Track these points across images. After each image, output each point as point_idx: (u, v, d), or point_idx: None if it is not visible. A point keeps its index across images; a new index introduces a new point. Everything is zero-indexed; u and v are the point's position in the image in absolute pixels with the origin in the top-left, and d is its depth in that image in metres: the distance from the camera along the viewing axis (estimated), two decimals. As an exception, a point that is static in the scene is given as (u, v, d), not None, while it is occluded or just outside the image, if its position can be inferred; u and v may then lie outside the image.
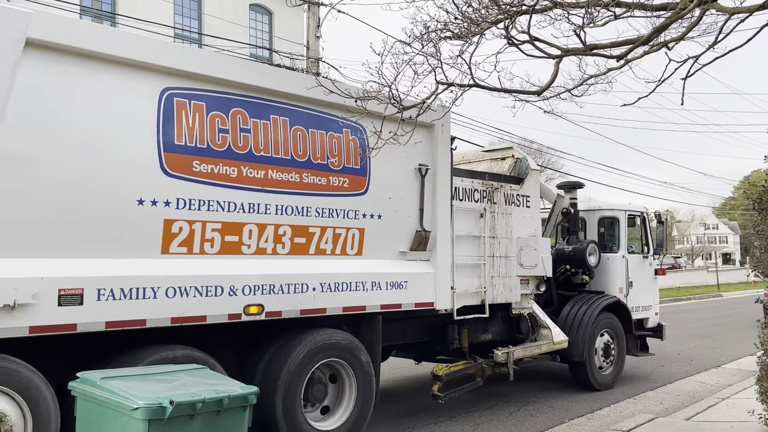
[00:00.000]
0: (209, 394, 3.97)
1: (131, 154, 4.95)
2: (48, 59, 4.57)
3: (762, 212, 6.85)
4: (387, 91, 5.54)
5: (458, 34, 5.44)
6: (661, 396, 9.10)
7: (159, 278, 5.02)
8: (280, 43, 20.45)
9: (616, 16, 5.39)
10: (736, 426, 6.74)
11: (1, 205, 4.35)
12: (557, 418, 7.75)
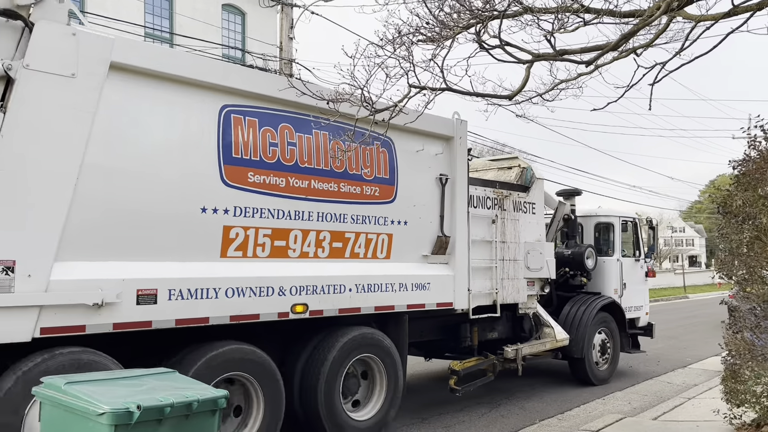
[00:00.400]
0: (178, 398, 3.90)
1: (196, 166, 5.43)
2: (127, 80, 5.02)
3: (726, 216, 7.01)
4: (359, 94, 5.54)
5: (430, 37, 5.46)
6: (630, 396, 9.24)
7: (219, 280, 5.49)
8: (253, 43, 20.31)
9: (585, 22, 5.47)
10: (702, 425, 6.87)
11: (88, 213, 4.81)
12: (528, 419, 7.82)
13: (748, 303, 6.74)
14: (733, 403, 6.33)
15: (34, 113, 4.59)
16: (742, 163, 6.66)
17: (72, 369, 4.59)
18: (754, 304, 6.58)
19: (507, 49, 5.54)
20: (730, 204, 6.78)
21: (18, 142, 4.51)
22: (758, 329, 6.43)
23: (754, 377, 6.19)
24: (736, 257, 6.94)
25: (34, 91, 4.58)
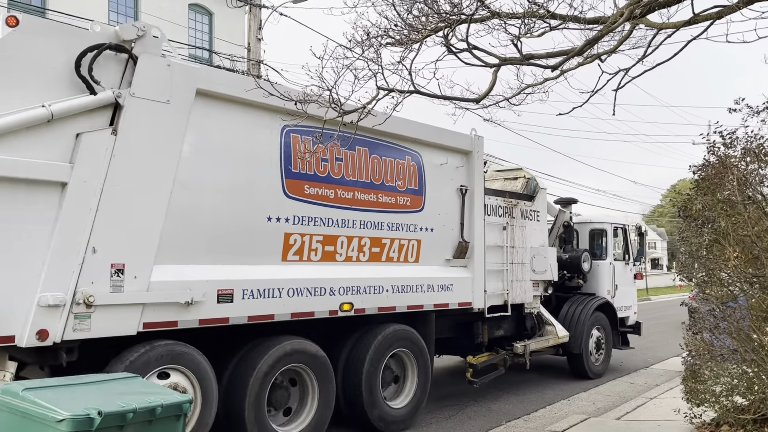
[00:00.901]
0: (141, 404, 3.83)
1: (263, 180, 6.14)
2: (208, 105, 5.66)
3: (687, 219, 7.17)
4: (327, 95, 5.52)
5: (399, 40, 5.47)
6: (594, 397, 9.38)
7: (282, 281, 6.19)
8: (220, 44, 20.10)
9: (551, 28, 5.54)
10: (663, 424, 7.00)
11: (178, 222, 5.44)
12: (494, 420, 7.88)
13: (708, 304, 6.90)
14: (693, 403, 6.47)
15: (138, 135, 5.21)
16: (702, 168, 6.82)
17: (167, 359, 5.31)
18: (713, 306, 6.74)
19: (474, 53, 5.58)
20: (690, 208, 6.94)
21: (126, 161, 5.13)
22: (717, 330, 6.59)
23: (714, 377, 6.34)
24: (696, 260, 7.10)
25: (138, 116, 5.20)
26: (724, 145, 6.63)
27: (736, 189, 6.29)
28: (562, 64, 5.56)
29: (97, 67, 5.03)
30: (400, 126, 7.31)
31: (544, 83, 6.15)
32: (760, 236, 6.26)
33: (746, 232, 6.26)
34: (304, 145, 6.41)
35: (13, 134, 4.64)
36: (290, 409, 6.46)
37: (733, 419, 6.12)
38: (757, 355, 6.09)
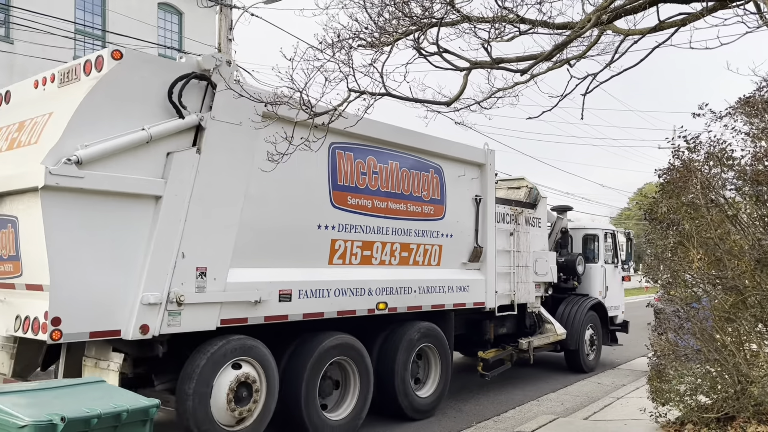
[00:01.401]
0: (106, 408, 3.76)
1: (315, 192, 6.85)
2: (272, 126, 6.05)
3: (652, 222, 7.30)
4: (298, 97, 5.50)
5: (370, 43, 5.48)
6: (562, 397, 9.49)
7: (329, 282, 6.87)
8: (190, 44, 19.86)
9: (521, 32, 5.60)
10: (630, 423, 7.11)
11: (248, 230, 6.15)
12: (465, 421, 7.92)
13: (672, 305, 7.04)
14: (658, 402, 6.58)
15: (217, 154, 5.84)
16: (667, 171, 6.95)
17: (240, 352, 5.96)
18: (678, 307, 6.88)
19: (445, 57, 5.62)
20: (656, 211, 7.07)
21: (208, 177, 5.78)
22: (681, 330, 6.73)
23: (678, 377, 6.46)
24: (661, 262, 7.23)
25: (217, 137, 5.85)
26: (689, 150, 6.77)
27: (700, 192, 6.43)
28: (531, 69, 5.63)
29: (183, 94, 5.68)
30: (426, 141, 8.20)
31: (514, 87, 6.23)
32: (722, 239, 6.41)
33: (709, 234, 6.41)
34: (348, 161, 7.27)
35: (120, 154, 5.24)
36: (336, 397, 7.15)
37: (696, 418, 6.25)
38: (719, 355, 6.23)
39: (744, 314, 6.29)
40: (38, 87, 6.07)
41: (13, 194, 5.23)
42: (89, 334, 5.15)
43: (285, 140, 5.69)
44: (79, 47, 18.51)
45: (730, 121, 6.54)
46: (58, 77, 5.84)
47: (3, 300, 5.44)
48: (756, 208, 6.42)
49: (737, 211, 6.61)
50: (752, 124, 6.46)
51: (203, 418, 5.61)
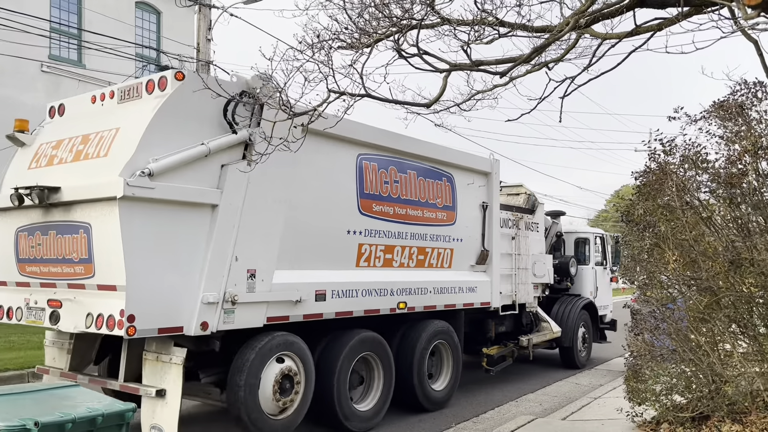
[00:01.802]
0: (80, 413, 3.71)
1: (345, 200, 7.39)
2: (310, 139, 6.48)
3: (629, 224, 7.38)
4: (278, 97, 5.47)
5: (350, 44, 5.47)
6: (541, 398, 9.56)
7: (357, 283, 7.43)
8: (168, 44, 19.67)
9: (500, 35, 5.63)
10: (607, 423, 7.18)
11: (290, 235, 6.66)
12: (444, 422, 7.94)
13: (649, 306, 7.12)
14: (635, 402, 6.65)
15: (264, 166, 6.20)
16: (644, 174, 7.04)
17: (283, 347, 6.49)
18: (654, 308, 6.96)
19: (425, 58, 5.63)
20: (633, 213, 7.15)
21: (257, 187, 6.28)
22: (657, 331, 6.81)
23: (654, 377, 6.54)
24: (638, 263, 7.32)
25: (264, 150, 6.18)
26: (664, 153, 6.86)
27: (675, 195, 6.52)
28: (510, 71, 5.66)
29: (235, 111, 6.20)
30: (439, 152, 8.86)
31: (493, 90, 6.26)
32: (697, 240, 6.51)
33: (684, 236, 6.49)
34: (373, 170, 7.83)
35: (183, 166, 5.71)
36: (361, 390, 7.70)
37: (672, 417, 6.33)
38: (694, 355, 6.31)
39: (718, 315, 6.39)
40: (96, 102, 6.54)
41: (84, 203, 5.66)
42: (157, 330, 5.61)
43: (264, 140, 5.65)
44: (54, 45, 18.24)
45: (704, 125, 6.64)
46: (117, 94, 6.31)
47: (73, 299, 5.84)
48: (729, 210, 6.53)
49: (711, 214, 6.71)
50: (726, 128, 6.56)
51: (252, 407, 6.13)
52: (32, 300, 6.22)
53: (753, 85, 6.39)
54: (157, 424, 5.73)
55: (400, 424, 7.86)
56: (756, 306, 6.35)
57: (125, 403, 4.05)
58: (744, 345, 6.43)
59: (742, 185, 6.28)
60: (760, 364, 6.16)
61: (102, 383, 6.62)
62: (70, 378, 6.58)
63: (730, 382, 6.04)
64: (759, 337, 6.32)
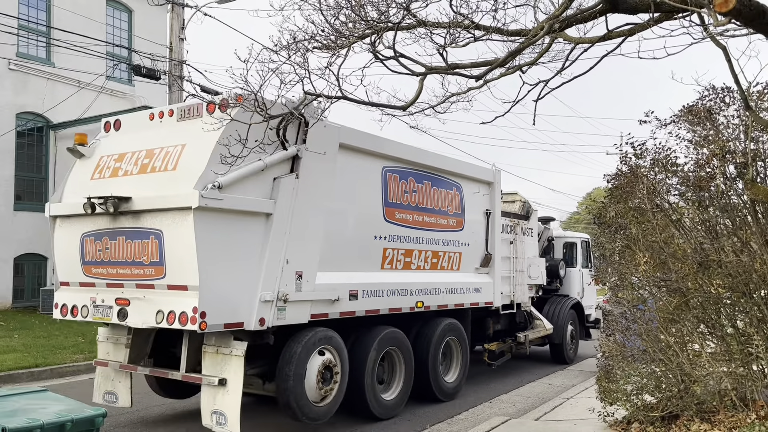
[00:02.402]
0: (49, 418, 3.63)
1: (372, 208, 8.11)
2: (345, 154, 7.59)
3: (601, 226, 7.48)
4: (252, 99, 5.43)
5: (326, 45, 5.45)
6: (514, 398, 9.64)
7: (382, 284, 8.14)
8: (140, 42, 19.40)
9: (475, 38, 5.67)
10: (579, 423, 7.26)
11: (329, 240, 7.35)
12: (418, 424, 7.95)
13: (620, 307, 7.23)
14: (606, 402, 6.73)
15: (309, 178, 6.98)
16: (615, 177, 7.15)
17: (324, 341, 7.13)
18: (625, 309, 7.07)
19: (401, 61, 5.63)
20: (605, 215, 7.26)
21: (303, 197, 6.90)
22: (628, 332, 6.91)
23: (625, 377, 6.63)
24: (610, 265, 7.43)
25: (309, 164, 7.00)
26: (635, 156, 6.97)
27: (646, 197, 6.63)
28: (485, 75, 5.69)
29: (287, 129, 6.82)
30: (450, 163, 9.78)
31: (468, 92, 6.28)
32: (667, 242, 6.62)
33: (655, 238, 6.61)
34: (395, 181, 8.55)
35: (244, 179, 6.31)
36: (384, 381, 8.31)
37: (642, 417, 6.42)
38: (664, 355, 6.42)
39: (687, 315, 6.51)
40: (154, 119, 7.04)
41: (155, 211, 6.22)
42: (223, 325, 6.20)
43: (239, 142, 5.60)
44: (23, 43, 17.86)
45: (674, 129, 6.77)
46: (177, 113, 6.86)
47: (142, 298, 6.42)
48: (698, 213, 6.66)
49: (681, 216, 6.84)
50: (695, 132, 6.70)
51: (300, 395, 6.79)
52: (99, 299, 6.80)
53: (721, 91, 6.54)
54: (218, 410, 6.35)
55: (371, 430, 7.85)
56: (723, 307, 6.49)
57: (95, 409, 3.97)
58: (712, 345, 6.56)
59: (710, 188, 6.41)
60: (728, 363, 6.29)
61: (163, 374, 7.12)
62: (130, 369, 7.29)
63: (699, 381, 6.16)
64: (726, 337, 6.46)
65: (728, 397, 6.16)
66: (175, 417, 8.29)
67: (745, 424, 5.76)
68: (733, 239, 6.38)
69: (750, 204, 6.21)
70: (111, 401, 7.49)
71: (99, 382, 7.64)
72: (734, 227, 6.41)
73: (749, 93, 6.02)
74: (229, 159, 6.02)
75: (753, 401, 6.07)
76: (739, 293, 6.19)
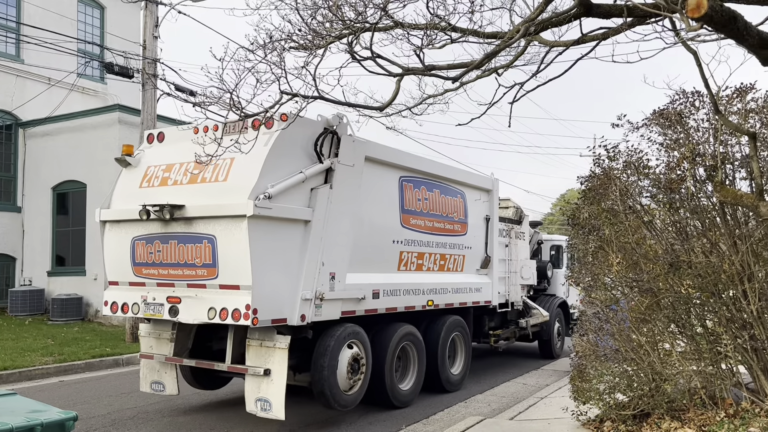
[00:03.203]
0: (18, 422, 3.55)
1: (391, 214, 8.85)
2: (369, 166, 8.30)
3: (575, 227, 7.57)
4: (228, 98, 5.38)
5: (303, 45, 5.43)
6: (489, 398, 9.70)
7: (399, 284, 8.87)
8: (113, 40, 19.11)
9: (452, 40, 5.70)
10: (553, 422, 7.33)
11: (357, 244, 8.06)
12: (394, 425, 7.95)
13: (593, 308, 7.32)
14: (579, 401, 6.81)
15: (341, 188, 7.69)
16: (589, 179, 7.24)
17: (352, 336, 7.83)
18: (598, 309, 7.16)
19: (378, 62, 5.64)
20: (578, 216, 7.34)
21: (336, 205, 7.59)
22: (601, 331, 7.00)
23: (598, 376, 6.71)
24: (583, 265, 7.52)
25: (341, 176, 7.69)
26: (608, 158, 7.07)
27: (619, 199, 6.73)
28: (462, 76, 5.72)
29: (323, 144, 7.54)
30: (455, 173, 10.59)
31: (444, 94, 6.32)
32: (639, 243, 6.73)
33: (627, 239, 6.71)
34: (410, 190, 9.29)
35: (288, 190, 6.96)
36: (401, 373, 9.03)
37: (614, 415, 6.51)
38: (636, 354, 6.52)
39: (658, 315, 6.62)
40: (199, 133, 7.45)
41: (207, 218, 6.85)
42: (271, 321, 6.83)
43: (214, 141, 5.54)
44: (-9, 39, 17.47)
45: (646, 132, 6.89)
46: (221, 128, 7.20)
47: (194, 296, 7.04)
48: (669, 214, 6.78)
49: (652, 218, 6.95)
50: (666, 135, 6.82)
51: (333, 384, 7.47)
52: (150, 297, 7.39)
53: (691, 95, 6.67)
54: (263, 397, 6.98)
55: (348, 430, 7.84)
56: (693, 307, 6.61)
57: (66, 412, 3.89)
58: (682, 344, 6.68)
59: (681, 191, 6.53)
60: (698, 362, 6.41)
61: (209, 365, 7.65)
62: (175, 362, 7.89)
63: (670, 380, 6.26)
64: (696, 336, 6.58)
65: (698, 396, 6.27)
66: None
67: (715, 422, 5.87)
68: (702, 240, 6.50)
69: (719, 206, 6.34)
70: (158, 390, 8.16)
71: (145, 374, 8.26)
72: (704, 229, 6.54)
73: (719, 97, 6.15)
74: (278, 171, 6.82)
75: (722, 399, 6.20)
76: (708, 293, 6.31)
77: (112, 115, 17.01)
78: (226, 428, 7.65)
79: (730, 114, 6.43)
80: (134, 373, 11.41)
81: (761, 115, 6.42)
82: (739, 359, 6.26)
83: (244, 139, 6.58)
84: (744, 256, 6.01)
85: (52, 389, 9.91)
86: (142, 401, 8.97)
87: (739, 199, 5.58)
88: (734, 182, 6.49)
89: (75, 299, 16.86)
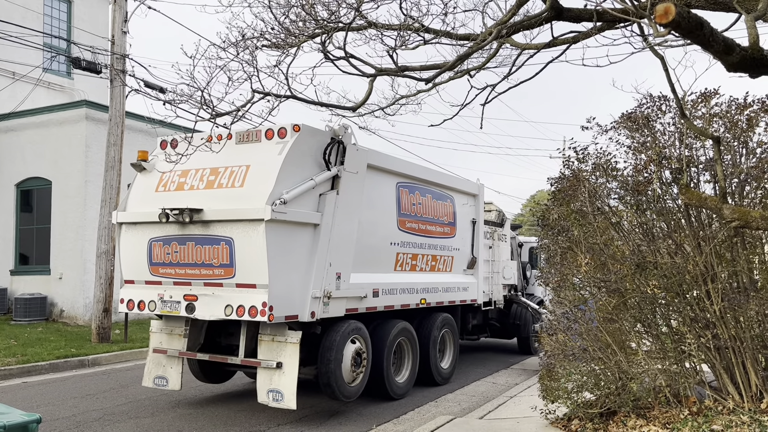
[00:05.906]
0: (-20, 426, 3.46)
1: (389, 218, 9.38)
2: (371, 173, 8.79)
3: (545, 228, 7.66)
4: (199, 96, 5.33)
5: (275, 43, 5.40)
6: (459, 398, 9.76)
7: (395, 284, 9.42)
8: (81, 34, 18.73)
9: (425, 41, 5.72)
10: (522, 421, 7.41)
11: (359, 246, 8.54)
12: (365, 424, 7.95)
13: (562, 308, 7.42)
14: (548, 400, 6.89)
15: (346, 194, 8.17)
16: (558, 180, 7.33)
17: (355, 332, 8.36)
18: (567, 309, 7.26)
19: (351, 62, 5.64)
20: (548, 217, 7.43)
21: (342, 210, 8.07)
22: (570, 331, 7.10)
23: (566, 375, 6.80)
24: (552, 266, 7.61)
25: (346, 182, 8.16)
26: (578, 160, 7.17)
27: (587, 201, 6.83)
28: (434, 78, 5.75)
29: (331, 153, 8.01)
30: (446, 179, 11.19)
31: (417, 95, 6.35)
32: (607, 244, 6.84)
33: (595, 240, 6.81)
34: (405, 194, 9.80)
35: (300, 195, 7.42)
36: (396, 366, 9.53)
37: (582, 413, 6.61)
38: (603, 354, 6.63)
39: (625, 315, 6.74)
40: (212, 141, 7.82)
41: (225, 222, 7.28)
42: (284, 317, 7.29)
43: (185, 140, 5.47)
44: (-48, 31, 16.97)
45: (614, 135, 7.00)
46: (235, 137, 7.82)
47: (211, 294, 7.47)
48: (636, 216, 6.90)
49: (620, 219, 7.07)
50: (633, 138, 6.94)
51: (338, 376, 7.99)
52: (167, 295, 7.77)
53: (658, 99, 6.80)
54: (275, 389, 7.44)
55: (320, 429, 7.82)
56: (659, 306, 6.74)
57: (30, 414, 3.81)
58: (648, 343, 6.81)
59: (648, 193, 6.65)
60: (662, 361, 6.55)
61: (222, 359, 8.05)
62: (189, 356, 8.27)
63: (635, 378, 6.38)
64: (661, 335, 6.72)
65: (663, 394, 6.40)
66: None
67: (679, 419, 6.00)
68: (668, 242, 6.63)
69: (684, 208, 6.48)
70: (161, 385, 8.42)
71: (150, 368, 8.52)
72: (669, 230, 6.67)
73: (684, 101, 6.29)
74: (291, 178, 7.28)
75: (686, 397, 6.34)
76: (673, 293, 6.44)
77: (79, 111, 16.67)
78: (196, 428, 7.56)
79: (695, 118, 6.57)
80: (100, 374, 11.20)
81: (725, 119, 6.58)
82: (703, 358, 6.41)
83: (261, 148, 7.23)
84: (708, 257, 6.15)
85: (14, 391, 9.67)
86: (108, 403, 8.82)
87: (703, 201, 5.71)
88: (699, 185, 6.64)
89: (39, 299, 16.50)
